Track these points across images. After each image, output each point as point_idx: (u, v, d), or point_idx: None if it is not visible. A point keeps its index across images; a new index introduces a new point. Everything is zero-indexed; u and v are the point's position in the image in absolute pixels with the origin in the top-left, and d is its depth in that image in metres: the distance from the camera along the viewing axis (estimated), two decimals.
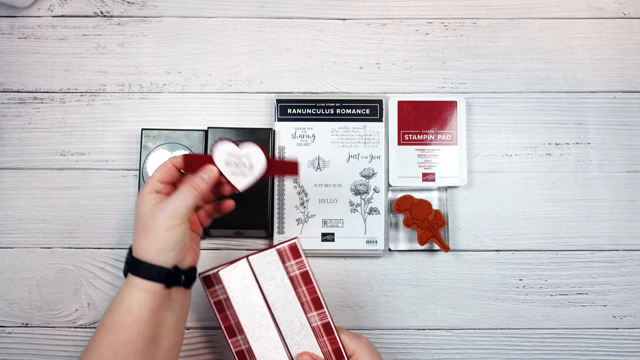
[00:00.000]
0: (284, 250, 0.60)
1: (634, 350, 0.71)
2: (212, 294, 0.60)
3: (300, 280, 0.60)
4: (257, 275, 0.59)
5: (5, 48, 0.75)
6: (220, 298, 0.60)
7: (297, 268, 0.60)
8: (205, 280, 0.60)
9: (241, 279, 0.59)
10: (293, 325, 0.60)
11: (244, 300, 0.59)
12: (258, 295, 0.59)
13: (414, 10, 0.76)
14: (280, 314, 0.59)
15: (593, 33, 0.75)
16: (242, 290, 0.59)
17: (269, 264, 0.59)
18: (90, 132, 0.73)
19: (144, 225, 0.53)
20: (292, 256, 0.60)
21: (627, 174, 0.73)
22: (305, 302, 0.60)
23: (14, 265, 0.71)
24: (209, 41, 0.75)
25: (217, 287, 0.60)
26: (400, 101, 0.72)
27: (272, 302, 0.59)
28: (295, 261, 0.60)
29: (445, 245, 0.69)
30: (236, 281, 0.59)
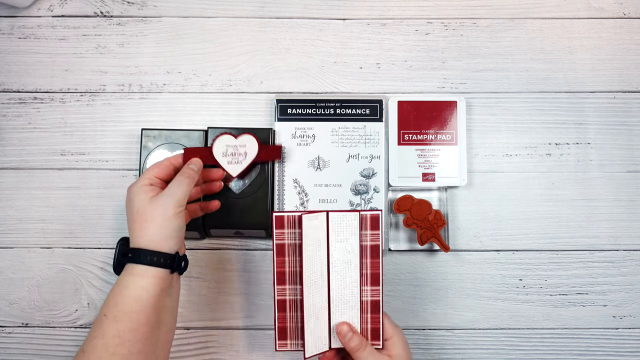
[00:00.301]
0: (365, 217, 0.60)
1: (634, 350, 0.71)
2: (278, 236, 0.60)
3: (368, 252, 0.60)
4: (331, 232, 0.59)
5: (5, 48, 0.75)
6: (283, 242, 0.60)
7: (371, 239, 0.60)
8: (277, 220, 0.60)
9: (315, 230, 0.59)
10: (344, 293, 0.60)
11: (311, 252, 0.59)
12: (324, 251, 0.59)
13: (414, 10, 0.76)
14: (337, 278, 0.60)
15: (593, 33, 0.75)
16: (313, 241, 0.59)
17: (347, 226, 0.60)
18: (90, 132, 0.73)
19: (143, 216, 0.55)
20: (370, 226, 0.60)
21: (627, 174, 0.73)
22: (364, 274, 0.60)
23: (14, 265, 0.71)
24: (209, 41, 0.75)
25: (287, 230, 0.60)
26: (400, 101, 0.72)
27: (334, 263, 0.60)
28: (371, 232, 0.60)
29: (445, 245, 0.69)
30: (311, 231, 0.59)
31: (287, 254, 0.60)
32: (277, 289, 0.60)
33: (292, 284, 0.60)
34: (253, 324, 0.71)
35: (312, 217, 0.59)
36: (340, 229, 0.60)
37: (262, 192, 0.69)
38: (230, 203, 0.68)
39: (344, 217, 0.60)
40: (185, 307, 0.70)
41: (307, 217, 0.59)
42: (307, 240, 0.59)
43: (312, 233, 0.59)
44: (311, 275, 0.59)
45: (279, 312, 0.60)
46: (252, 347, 0.70)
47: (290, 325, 0.61)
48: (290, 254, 0.60)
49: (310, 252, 0.59)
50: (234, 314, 0.71)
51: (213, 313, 0.70)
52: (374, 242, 0.61)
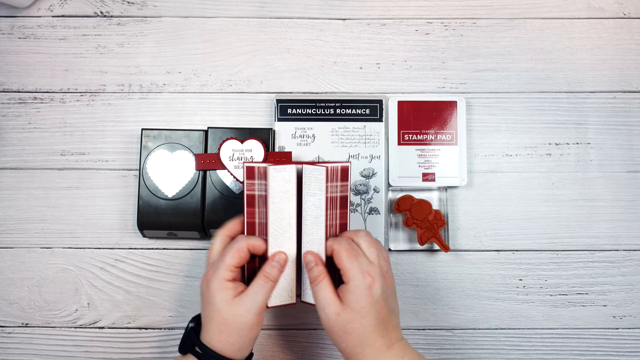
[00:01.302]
0: (334, 169, 0.58)
1: (634, 350, 0.71)
2: (249, 187, 0.59)
3: (338, 203, 0.59)
4: (304, 185, 0.58)
5: (5, 48, 0.75)
6: (254, 193, 0.59)
7: (340, 191, 0.59)
8: (248, 171, 0.59)
9: (285, 182, 0.58)
10: (311, 247, 0.58)
11: (279, 204, 0.58)
12: (293, 204, 0.58)
13: (414, 10, 0.76)
14: (307, 232, 0.59)
15: (593, 33, 0.75)
16: (280, 193, 0.58)
17: (316, 180, 0.58)
18: (90, 132, 0.73)
19: (223, 320, 0.54)
20: (340, 178, 0.59)
21: (627, 174, 0.73)
22: (333, 225, 0.59)
23: (14, 265, 0.71)
24: (209, 41, 0.75)
25: (257, 181, 0.59)
26: (400, 101, 0.72)
27: (305, 217, 0.59)
28: (341, 183, 0.59)
29: (445, 245, 0.69)
30: (280, 183, 0.58)
31: (257, 205, 0.59)
32: None
33: (261, 234, 0.59)
34: None
35: (279, 169, 0.58)
36: (310, 182, 0.58)
37: None
38: (231, 203, 0.68)
39: (314, 171, 0.58)
40: (186, 307, 0.70)
41: (274, 168, 0.57)
42: (272, 192, 0.58)
43: (279, 185, 0.58)
44: (277, 228, 0.58)
45: (248, 264, 0.59)
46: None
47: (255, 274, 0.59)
48: (259, 205, 0.59)
49: (276, 203, 0.58)
50: None
51: None
52: (343, 192, 0.60)
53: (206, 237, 0.71)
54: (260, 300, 0.54)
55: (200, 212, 0.68)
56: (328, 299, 0.54)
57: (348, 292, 0.53)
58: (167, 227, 0.68)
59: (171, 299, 0.70)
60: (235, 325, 0.53)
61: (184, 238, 0.71)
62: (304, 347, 0.70)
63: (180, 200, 0.68)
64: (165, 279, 0.71)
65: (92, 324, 0.70)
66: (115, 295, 0.70)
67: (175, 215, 0.68)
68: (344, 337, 0.54)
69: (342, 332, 0.53)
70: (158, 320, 0.70)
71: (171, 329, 0.70)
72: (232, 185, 0.69)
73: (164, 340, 0.70)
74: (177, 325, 0.70)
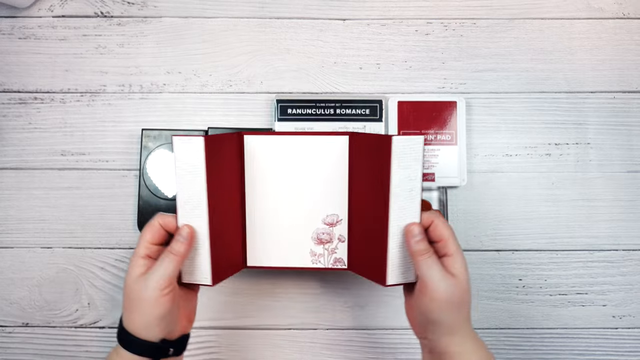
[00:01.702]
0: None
1: (633, 350, 0.71)
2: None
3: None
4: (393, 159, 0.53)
5: (6, 48, 0.75)
6: None
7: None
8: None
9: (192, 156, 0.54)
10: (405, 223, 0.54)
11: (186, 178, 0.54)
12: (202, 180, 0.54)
13: (414, 11, 0.76)
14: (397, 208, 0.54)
15: (593, 33, 0.75)
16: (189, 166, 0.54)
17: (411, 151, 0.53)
18: (90, 132, 0.73)
19: (129, 297, 0.52)
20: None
21: (627, 174, 0.73)
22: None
23: (14, 265, 0.71)
24: (209, 41, 0.75)
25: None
26: (400, 101, 0.73)
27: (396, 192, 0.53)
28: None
29: None
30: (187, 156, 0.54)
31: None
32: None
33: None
34: (253, 323, 0.71)
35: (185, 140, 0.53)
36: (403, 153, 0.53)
37: None
38: None
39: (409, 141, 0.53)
40: None
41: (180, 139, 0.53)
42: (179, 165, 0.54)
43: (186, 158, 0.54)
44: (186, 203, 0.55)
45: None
46: (253, 347, 0.70)
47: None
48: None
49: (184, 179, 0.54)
50: (234, 314, 0.71)
51: (213, 313, 0.71)
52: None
53: None
54: (164, 275, 0.51)
55: None
56: (442, 271, 0.52)
57: (456, 263, 0.52)
58: None
59: None
60: (139, 302, 0.51)
61: None
62: (304, 347, 0.71)
63: None
64: None
65: (93, 324, 0.70)
66: (115, 295, 0.71)
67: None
68: (458, 308, 0.52)
69: (459, 302, 0.52)
70: None
71: None
72: None
73: None
74: None
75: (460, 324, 0.52)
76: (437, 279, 0.51)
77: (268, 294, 0.71)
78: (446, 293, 0.51)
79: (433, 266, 0.52)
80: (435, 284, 0.51)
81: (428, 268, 0.52)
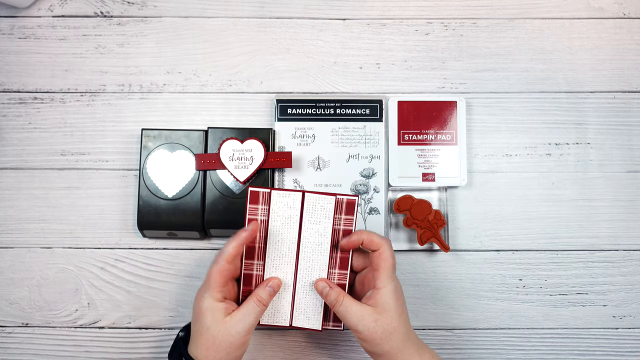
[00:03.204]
0: (341, 201, 0.60)
1: (633, 350, 0.71)
2: (251, 211, 0.60)
3: (340, 236, 0.61)
4: (304, 213, 0.60)
5: (6, 48, 0.75)
6: (256, 217, 0.60)
7: (344, 224, 0.61)
8: (252, 195, 0.60)
9: (288, 208, 0.60)
10: (311, 274, 0.61)
11: (280, 229, 0.60)
12: (295, 231, 0.60)
13: (414, 10, 0.76)
14: (306, 258, 0.61)
15: (593, 33, 0.75)
16: (283, 219, 0.60)
17: (322, 209, 0.60)
18: (90, 132, 0.73)
19: (212, 337, 0.55)
20: (345, 211, 0.61)
21: (627, 174, 0.73)
22: (334, 257, 0.61)
23: (14, 265, 0.71)
24: (209, 41, 0.75)
25: (260, 206, 0.60)
26: (400, 101, 0.72)
27: (305, 244, 0.60)
28: (346, 216, 0.61)
29: (445, 245, 0.69)
30: (283, 208, 0.60)
31: (258, 229, 0.60)
32: (245, 263, 0.61)
33: (259, 259, 0.61)
34: None
35: (284, 195, 0.59)
36: (315, 210, 0.60)
37: None
38: (230, 203, 0.68)
39: (320, 200, 0.60)
40: (186, 307, 0.70)
41: (278, 193, 0.59)
42: (274, 217, 0.60)
43: (281, 210, 0.60)
44: (276, 252, 0.60)
45: (244, 286, 0.61)
46: (252, 347, 0.70)
47: None
48: (262, 230, 0.60)
49: (276, 229, 0.60)
50: None
51: None
52: (347, 226, 0.61)
53: (206, 236, 0.71)
54: (250, 322, 0.57)
55: (200, 212, 0.68)
56: (360, 311, 0.56)
57: (382, 295, 0.56)
58: (167, 227, 0.68)
59: (171, 299, 0.70)
60: (224, 344, 0.55)
61: (184, 238, 0.71)
62: (304, 347, 0.70)
63: (180, 200, 0.68)
64: (165, 279, 0.71)
65: (92, 324, 0.70)
66: (115, 295, 0.70)
67: (175, 215, 0.68)
68: (387, 339, 0.56)
69: (386, 334, 0.56)
70: (158, 320, 0.70)
71: (171, 329, 0.70)
72: (232, 185, 0.69)
73: (164, 340, 0.70)
74: (177, 325, 0.70)
75: (398, 348, 0.56)
76: (358, 317, 0.56)
77: None
78: (367, 332, 0.56)
79: (348, 309, 0.57)
80: (357, 324, 0.56)
81: (345, 315, 0.57)
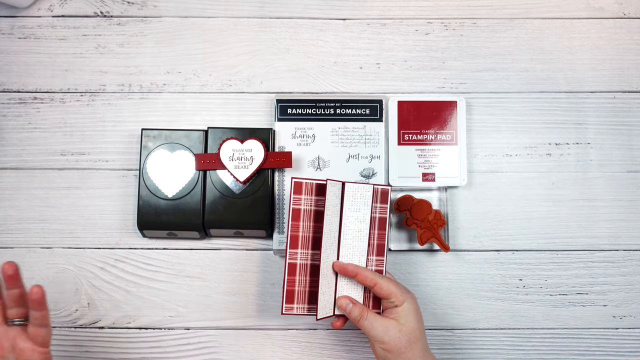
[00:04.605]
0: (377, 191, 0.63)
1: (634, 350, 0.71)
2: (295, 201, 0.61)
3: (377, 224, 0.63)
4: (345, 201, 0.62)
5: (5, 48, 0.75)
6: (299, 207, 0.61)
7: (379, 212, 0.64)
8: (295, 185, 0.61)
9: (335, 197, 0.61)
10: (351, 260, 0.63)
11: (329, 218, 0.61)
12: (336, 219, 0.62)
13: (414, 10, 0.76)
14: (347, 245, 0.62)
15: (593, 33, 0.75)
16: (333, 207, 0.61)
17: (361, 197, 0.62)
18: (90, 132, 0.73)
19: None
20: (380, 200, 0.64)
21: (627, 174, 0.73)
22: (372, 244, 0.63)
23: None
24: (209, 41, 0.75)
25: (304, 196, 0.61)
26: (400, 101, 0.72)
27: (345, 231, 0.62)
28: (381, 205, 0.64)
29: (445, 245, 0.69)
30: (332, 198, 0.61)
31: (302, 219, 0.61)
32: (290, 252, 0.61)
33: (304, 248, 0.62)
34: (253, 323, 0.71)
35: (333, 184, 0.61)
36: (355, 199, 0.62)
37: (262, 192, 0.69)
38: (230, 203, 0.68)
39: (359, 188, 0.62)
40: (185, 307, 0.70)
41: (330, 183, 0.61)
42: (327, 206, 0.61)
43: (331, 200, 0.61)
44: (328, 240, 0.61)
45: (289, 276, 0.61)
46: (253, 347, 0.70)
47: (298, 289, 0.62)
48: (305, 219, 0.62)
49: (328, 218, 0.61)
50: (234, 314, 0.71)
51: (213, 313, 0.70)
52: (382, 214, 0.64)
53: (206, 236, 0.71)
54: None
55: (201, 212, 0.68)
56: (385, 323, 0.59)
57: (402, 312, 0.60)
58: (167, 227, 0.68)
59: (171, 299, 0.70)
60: None
61: (184, 238, 0.71)
62: (304, 347, 0.70)
63: (180, 200, 0.68)
64: (165, 279, 0.71)
65: (92, 324, 0.70)
66: (115, 295, 0.70)
67: (175, 215, 0.68)
68: (412, 348, 0.59)
69: (410, 343, 0.59)
70: (158, 320, 0.70)
71: (171, 329, 0.70)
72: (232, 185, 0.69)
73: (164, 340, 0.70)
74: (177, 325, 0.70)
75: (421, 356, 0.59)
76: (381, 334, 0.59)
77: (269, 294, 0.71)
78: (393, 342, 0.58)
79: (373, 323, 0.59)
80: (383, 336, 0.59)
81: (370, 328, 0.59)
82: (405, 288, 0.62)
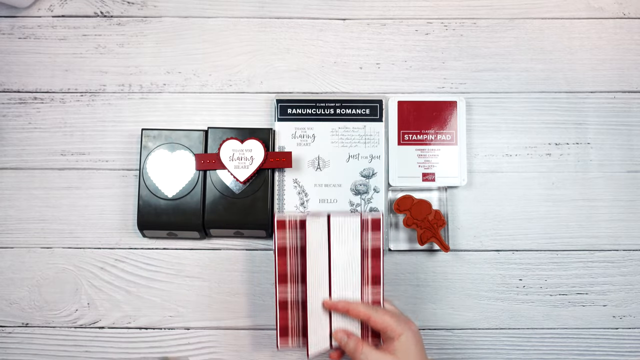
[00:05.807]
0: (366, 221, 0.61)
1: (633, 350, 0.71)
2: (280, 239, 0.61)
3: (370, 254, 0.62)
4: (332, 235, 0.60)
5: (6, 48, 0.75)
6: (285, 244, 0.61)
7: (372, 241, 0.62)
8: (278, 224, 0.61)
9: (319, 233, 0.60)
10: (345, 295, 0.61)
11: (313, 253, 0.60)
12: (325, 253, 0.60)
13: (414, 10, 0.76)
14: (338, 280, 0.61)
15: (593, 33, 0.75)
16: (315, 243, 0.60)
17: (348, 229, 0.61)
18: (90, 132, 0.73)
19: None
20: (372, 228, 0.61)
21: (627, 174, 0.73)
22: (366, 275, 0.62)
23: (14, 265, 0.71)
24: (209, 41, 0.75)
25: (288, 233, 0.61)
26: (400, 101, 0.72)
27: (335, 266, 0.61)
28: (373, 233, 0.62)
29: (445, 245, 0.69)
30: (315, 233, 0.60)
31: (288, 255, 0.61)
32: (279, 289, 0.61)
33: (293, 284, 0.61)
34: (253, 324, 0.71)
35: (315, 220, 0.60)
36: (342, 232, 0.60)
37: (262, 192, 0.69)
38: (230, 203, 0.68)
39: (346, 221, 0.60)
40: (185, 307, 0.70)
41: (311, 219, 0.59)
42: (310, 242, 0.60)
43: (314, 235, 0.60)
44: (314, 276, 0.60)
45: (281, 311, 0.61)
46: (253, 347, 0.70)
47: (291, 324, 0.62)
48: (292, 255, 0.61)
49: (312, 254, 0.60)
50: (234, 314, 0.71)
51: (213, 313, 0.70)
52: (375, 243, 0.62)
53: (206, 236, 0.71)
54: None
55: (201, 212, 0.68)
56: (381, 358, 0.58)
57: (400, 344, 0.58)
58: (167, 227, 0.68)
59: (171, 299, 0.70)
60: None
61: (184, 238, 0.71)
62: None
63: (180, 200, 0.68)
64: (165, 279, 0.71)
65: (92, 324, 0.70)
66: (115, 295, 0.70)
67: (175, 215, 0.68)
68: None
69: None
70: (158, 320, 0.70)
71: (171, 329, 0.70)
72: (232, 185, 0.69)
73: (164, 340, 0.70)
74: (177, 325, 0.70)
75: None
76: None
77: (269, 294, 0.71)
78: None
79: (369, 358, 0.58)
80: None
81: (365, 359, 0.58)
82: (404, 318, 0.61)
